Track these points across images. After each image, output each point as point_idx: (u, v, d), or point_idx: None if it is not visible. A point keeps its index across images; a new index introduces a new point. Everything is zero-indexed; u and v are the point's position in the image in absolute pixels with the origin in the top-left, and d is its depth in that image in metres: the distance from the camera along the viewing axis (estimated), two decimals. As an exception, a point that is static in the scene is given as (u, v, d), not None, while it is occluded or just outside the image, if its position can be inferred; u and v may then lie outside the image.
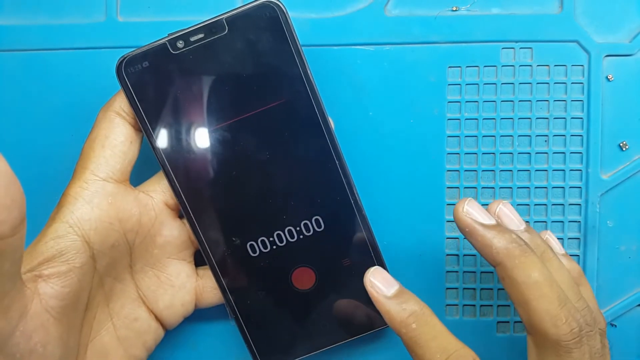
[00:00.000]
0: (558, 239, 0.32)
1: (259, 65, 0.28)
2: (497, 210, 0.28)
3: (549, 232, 0.31)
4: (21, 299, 0.23)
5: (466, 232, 0.26)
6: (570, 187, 0.32)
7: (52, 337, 0.24)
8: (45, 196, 0.31)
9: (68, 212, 0.26)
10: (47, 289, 0.24)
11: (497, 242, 0.26)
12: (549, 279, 0.25)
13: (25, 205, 0.19)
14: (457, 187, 0.33)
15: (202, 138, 0.28)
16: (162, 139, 0.28)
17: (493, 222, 0.26)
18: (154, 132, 0.28)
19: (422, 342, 0.25)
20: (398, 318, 0.26)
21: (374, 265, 0.30)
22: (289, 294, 0.30)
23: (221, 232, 0.29)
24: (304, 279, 0.30)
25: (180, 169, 0.29)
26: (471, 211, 0.26)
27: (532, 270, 0.25)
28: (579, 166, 0.32)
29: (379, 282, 0.27)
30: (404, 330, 0.26)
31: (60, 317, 0.24)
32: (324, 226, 0.30)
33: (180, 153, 0.28)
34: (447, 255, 0.33)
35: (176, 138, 0.28)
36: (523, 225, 0.27)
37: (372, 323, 0.31)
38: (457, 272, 0.33)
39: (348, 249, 0.30)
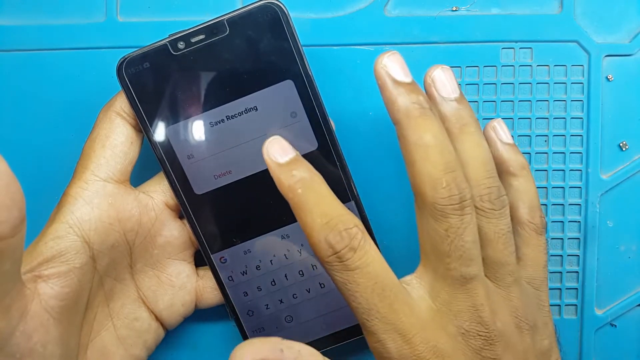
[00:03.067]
0: (558, 239, 0.33)
1: (260, 66, 0.28)
2: (433, 73, 0.27)
3: (499, 119, 0.29)
4: (21, 299, 0.23)
5: (379, 87, 0.25)
6: (570, 187, 0.32)
7: (52, 337, 0.24)
8: (46, 196, 0.31)
9: (68, 213, 0.26)
10: (47, 289, 0.24)
11: (401, 100, 0.25)
12: (443, 144, 0.24)
13: (25, 206, 0.20)
14: (457, 187, 0.33)
15: (202, 138, 0.28)
16: (162, 139, 0.28)
17: (408, 80, 0.25)
18: (154, 132, 0.28)
19: (306, 207, 0.24)
20: (286, 183, 0.25)
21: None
22: (290, 294, 0.30)
23: (221, 233, 0.29)
24: (305, 279, 0.30)
25: (180, 169, 0.29)
26: (389, 65, 0.25)
27: (425, 132, 0.24)
28: (579, 166, 0.32)
29: (275, 150, 0.25)
30: (290, 195, 0.24)
31: (61, 317, 0.24)
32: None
33: (180, 153, 0.28)
34: (447, 255, 0.33)
35: (176, 138, 0.28)
36: (456, 94, 0.26)
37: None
38: (457, 272, 0.33)
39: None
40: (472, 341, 0.24)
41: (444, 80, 0.26)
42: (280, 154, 0.25)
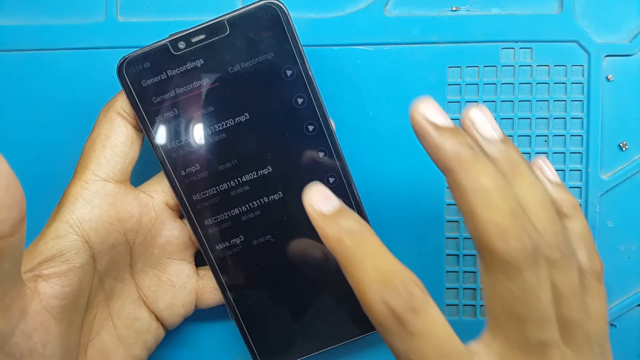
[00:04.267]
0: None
1: (260, 66, 0.28)
2: (470, 114, 0.24)
3: (543, 157, 0.27)
4: (21, 299, 0.23)
5: (419, 135, 0.23)
6: (570, 187, 0.32)
7: (52, 336, 0.24)
8: (46, 196, 0.31)
9: (68, 212, 0.26)
10: (47, 289, 0.24)
11: (449, 144, 0.22)
12: (503, 188, 0.22)
13: (25, 205, 0.20)
14: (457, 187, 0.33)
15: (202, 138, 0.28)
16: (163, 139, 0.28)
17: (450, 124, 0.23)
18: (154, 132, 0.28)
19: (356, 260, 0.22)
20: (333, 235, 0.22)
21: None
22: (290, 294, 0.30)
23: (221, 233, 0.29)
24: (305, 279, 0.30)
25: (180, 170, 0.29)
26: (427, 111, 0.23)
27: (481, 176, 0.21)
28: (579, 166, 0.32)
29: (317, 199, 0.23)
30: (338, 248, 0.22)
31: (61, 316, 0.24)
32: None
33: (180, 153, 0.28)
34: (447, 255, 0.33)
35: (177, 138, 0.28)
36: (498, 134, 0.24)
37: (373, 324, 0.31)
38: (457, 272, 0.33)
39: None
40: None
41: (484, 121, 0.24)
42: (324, 203, 0.23)
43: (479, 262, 0.22)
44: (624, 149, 0.32)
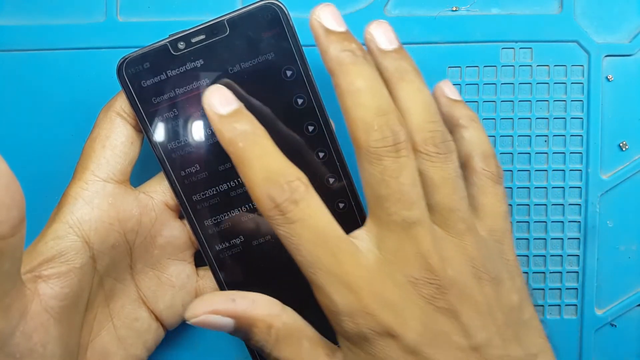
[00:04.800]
0: (558, 239, 0.33)
1: (260, 66, 0.28)
2: (370, 28, 0.26)
3: (445, 80, 0.29)
4: (21, 299, 0.23)
5: (314, 38, 0.25)
6: (570, 187, 0.32)
7: (52, 337, 0.24)
8: (46, 196, 0.31)
9: (68, 213, 0.26)
10: (47, 290, 0.24)
11: (333, 48, 0.25)
12: (374, 88, 0.24)
13: (25, 206, 0.20)
14: (457, 187, 0.33)
15: (202, 139, 0.28)
16: (163, 139, 0.28)
17: (341, 29, 0.25)
18: (154, 132, 0.28)
19: (247, 161, 0.24)
20: (227, 135, 0.24)
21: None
22: (291, 295, 0.30)
23: (221, 233, 0.29)
24: (305, 279, 0.30)
25: (180, 170, 0.29)
26: (322, 16, 0.25)
27: (356, 78, 0.24)
28: (578, 166, 0.32)
29: (216, 100, 0.25)
30: (231, 148, 0.24)
31: (61, 317, 0.24)
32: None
33: (180, 154, 0.28)
34: (447, 255, 0.33)
35: (176, 139, 0.28)
36: (394, 45, 0.26)
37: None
38: (457, 272, 0.33)
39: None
40: (422, 290, 0.24)
41: (380, 33, 0.26)
42: (222, 105, 0.25)
43: (356, 153, 0.25)
44: (624, 149, 0.32)
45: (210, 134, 0.28)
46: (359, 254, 0.24)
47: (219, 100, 0.25)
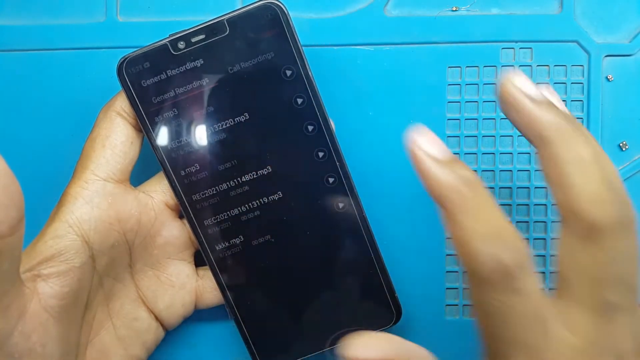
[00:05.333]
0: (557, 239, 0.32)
1: (260, 66, 0.28)
2: (545, 90, 0.24)
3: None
4: (20, 299, 0.23)
5: (510, 106, 0.22)
6: (571, 187, 0.32)
7: (51, 336, 0.24)
8: (45, 196, 0.31)
9: (68, 212, 0.26)
10: (47, 289, 0.24)
11: (548, 115, 0.22)
12: (600, 161, 0.21)
13: (24, 205, 0.20)
14: (457, 187, 0.33)
15: (202, 138, 0.28)
16: (163, 139, 0.28)
17: (543, 97, 0.22)
18: (154, 132, 0.28)
19: (470, 209, 0.21)
20: (446, 180, 0.21)
21: (374, 265, 0.30)
22: (290, 294, 0.30)
23: (221, 233, 0.29)
24: (305, 279, 0.30)
25: (180, 170, 0.29)
26: (518, 81, 0.22)
27: (582, 148, 0.21)
28: (579, 166, 0.32)
29: (427, 142, 0.22)
30: (451, 196, 0.21)
31: (60, 316, 0.24)
32: (325, 227, 0.30)
33: (180, 153, 0.28)
34: (447, 255, 0.33)
35: (177, 138, 0.28)
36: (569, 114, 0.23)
37: (372, 324, 0.31)
38: (457, 272, 0.33)
39: (348, 249, 0.30)
40: None
41: (557, 98, 0.24)
42: (435, 148, 0.22)
43: (562, 229, 0.22)
44: (624, 149, 0.32)
45: (210, 133, 0.28)
46: (567, 337, 0.21)
47: (430, 142, 0.22)
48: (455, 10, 0.32)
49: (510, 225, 0.21)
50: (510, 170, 0.33)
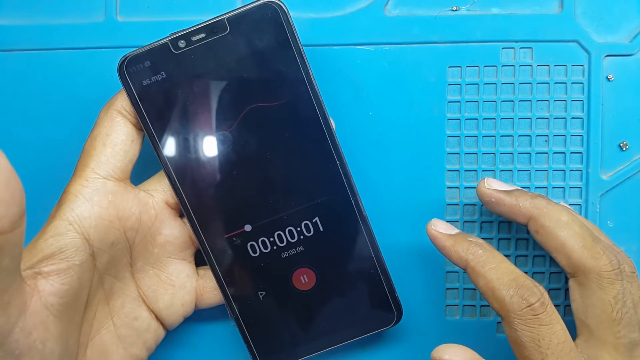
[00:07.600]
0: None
1: (260, 65, 0.28)
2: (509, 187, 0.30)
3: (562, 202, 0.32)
4: (21, 296, 0.22)
5: (492, 202, 0.29)
6: (570, 187, 0.32)
7: (51, 334, 0.24)
8: (46, 194, 0.31)
9: (68, 210, 0.26)
10: (47, 286, 0.24)
11: (523, 200, 0.28)
12: (577, 220, 0.27)
13: (25, 201, 0.19)
14: (457, 187, 0.33)
15: (202, 137, 0.28)
16: (163, 138, 0.28)
17: (512, 188, 0.29)
18: (155, 131, 0.28)
19: (489, 265, 0.26)
20: (464, 247, 0.27)
21: (375, 265, 0.30)
22: (289, 294, 0.30)
23: (222, 232, 0.29)
24: (304, 279, 0.30)
25: (180, 168, 0.29)
26: (493, 184, 0.29)
27: (560, 214, 0.27)
28: (579, 166, 0.32)
29: (442, 226, 0.29)
30: (470, 257, 0.27)
31: (60, 314, 0.24)
32: (325, 227, 0.30)
33: (181, 152, 0.28)
34: (448, 255, 0.33)
35: (177, 137, 0.28)
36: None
37: (373, 324, 0.31)
38: (457, 272, 0.33)
39: (349, 249, 0.30)
40: None
41: (517, 187, 0.30)
42: (448, 229, 0.29)
43: (571, 284, 0.27)
44: (624, 149, 0.32)
45: (210, 132, 0.28)
46: None
47: (443, 226, 0.29)
48: (456, 10, 0.32)
49: (521, 272, 0.26)
50: (511, 170, 0.33)
